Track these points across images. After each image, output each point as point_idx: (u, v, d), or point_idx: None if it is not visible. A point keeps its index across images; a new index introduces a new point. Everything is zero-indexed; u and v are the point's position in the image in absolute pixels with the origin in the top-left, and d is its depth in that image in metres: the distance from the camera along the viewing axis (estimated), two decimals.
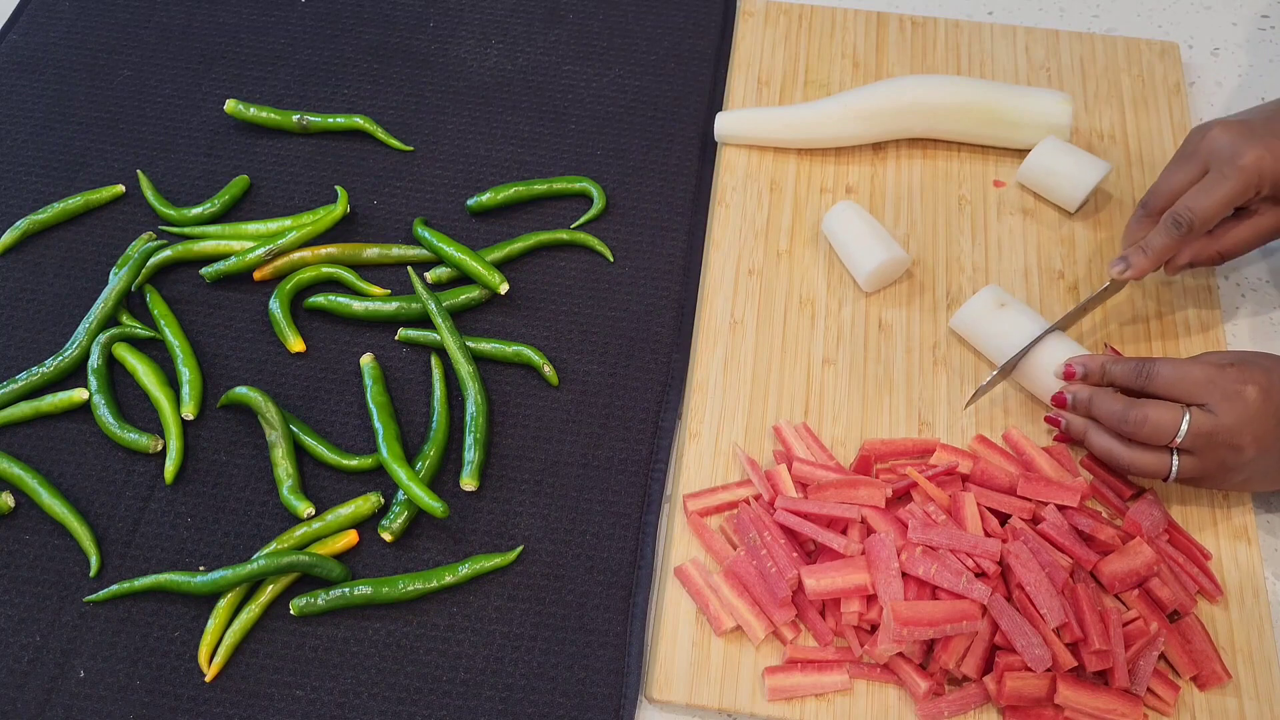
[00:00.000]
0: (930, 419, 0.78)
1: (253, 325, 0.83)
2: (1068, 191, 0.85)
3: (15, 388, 0.79)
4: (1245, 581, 0.71)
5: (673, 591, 0.71)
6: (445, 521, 0.74)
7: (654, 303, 0.84)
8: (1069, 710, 0.65)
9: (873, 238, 0.82)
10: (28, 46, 0.99)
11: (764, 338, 0.82)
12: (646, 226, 0.88)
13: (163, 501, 0.75)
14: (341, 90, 0.96)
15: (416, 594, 0.71)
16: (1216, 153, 0.73)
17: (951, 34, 0.99)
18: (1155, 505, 0.72)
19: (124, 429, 0.77)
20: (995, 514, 0.71)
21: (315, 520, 0.73)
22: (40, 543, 0.74)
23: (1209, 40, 1.01)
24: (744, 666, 0.69)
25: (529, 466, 0.77)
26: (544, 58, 0.99)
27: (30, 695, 0.68)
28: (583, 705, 0.68)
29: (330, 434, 0.78)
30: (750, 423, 0.78)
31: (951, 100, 0.88)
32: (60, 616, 0.71)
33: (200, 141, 0.93)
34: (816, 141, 0.90)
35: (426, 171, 0.91)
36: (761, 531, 0.70)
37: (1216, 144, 0.73)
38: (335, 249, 0.85)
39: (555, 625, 0.71)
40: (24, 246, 0.87)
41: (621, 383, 0.80)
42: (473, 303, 0.83)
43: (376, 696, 0.68)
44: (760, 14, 1.01)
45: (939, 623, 0.64)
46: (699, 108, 0.95)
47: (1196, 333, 0.82)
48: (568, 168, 0.91)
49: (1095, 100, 0.94)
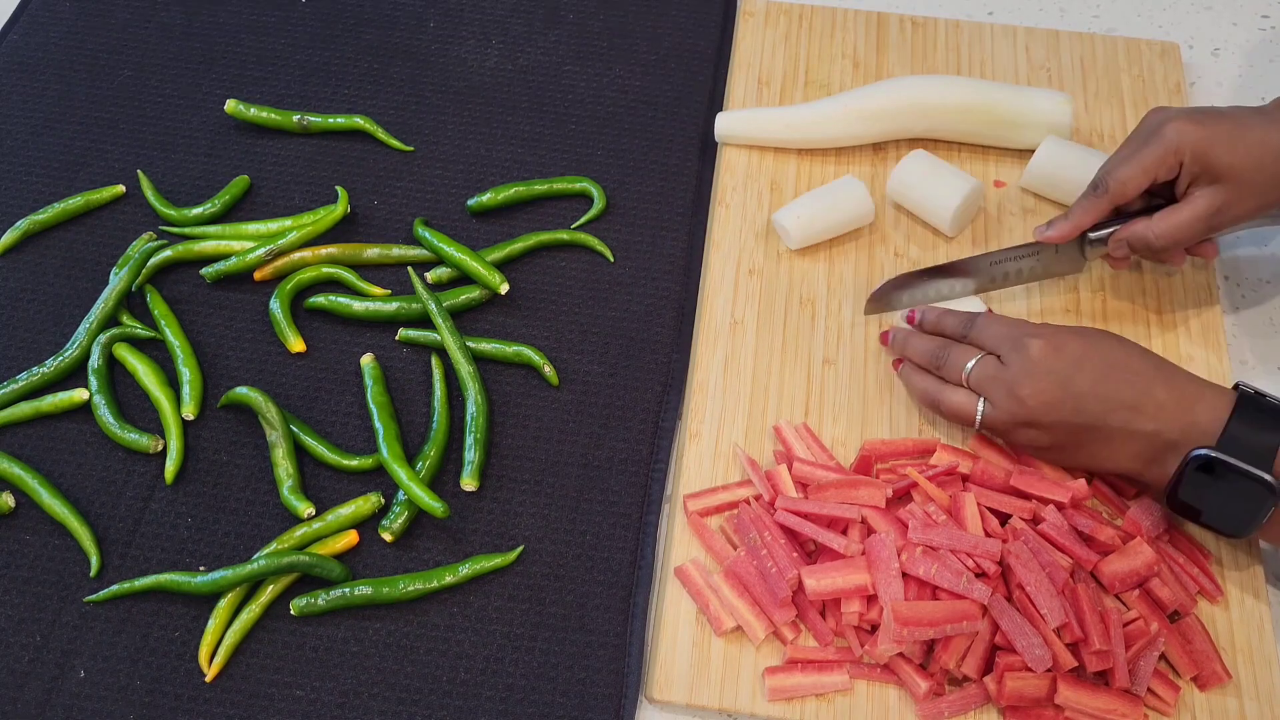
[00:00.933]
0: (931, 419, 0.78)
1: (253, 325, 0.83)
2: (1077, 186, 0.85)
3: (15, 388, 0.79)
4: (1245, 581, 0.71)
5: (673, 591, 0.71)
6: (445, 522, 0.74)
7: (654, 303, 0.84)
8: (1069, 710, 0.65)
9: (949, 174, 0.84)
10: (28, 46, 0.99)
11: (764, 338, 0.82)
12: (647, 226, 0.88)
13: (163, 501, 0.75)
14: (342, 90, 0.96)
15: (417, 594, 0.71)
16: (1144, 129, 0.76)
17: (951, 34, 0.99)
18: (1155, 505, 0.72)
19: (124, 429, 0.77)
20: (995, 514, 0.71)
21: (315, 520, 0.73)
22: (40, 543, 0.74)
23: (1209, 40, 1.01)
24: (744, 667, 0.69)
25: (529, 466, 0.77)
26: (544, 58, 0.99)
27: (30, 695, 0.68)
28: (583, 705, 0.68)
29: (330, 434, 0.78)
30: (750, 423, 0.78)
31: (952, 100, 0.88)
32: (60, 616, 0.71)
33: (200, 141, 0.93)
34: (817, 141, 0.90)
35: (427, 171, 0.91)
36: (762, 532, 0.70)
37: (1145, 122, 0.76)
38: (335, 249, 0.85)
39: (555, 625, 0.71)
40: (24, 246, 0.87)
41: (622, 383, 0.80)
42: (473, 303, 0.83)
43: (377, 697, 0.68)
44: (760, 14, 1.01)
45: (939, 623, 0.64)
46: (699, 108, 0.95)
47: (1196, 332, 0.82)
48: (568, 168, 0.91)
49: (1095, 100, 0.94)
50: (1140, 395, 0.68)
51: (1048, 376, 0.69)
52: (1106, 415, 0.68)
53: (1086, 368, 0.69)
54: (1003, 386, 0.70)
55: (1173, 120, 0.73)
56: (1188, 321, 0.82)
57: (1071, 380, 0.68)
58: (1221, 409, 0.66)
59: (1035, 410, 0.69)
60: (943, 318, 0.77)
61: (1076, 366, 0.69)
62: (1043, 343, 0.70)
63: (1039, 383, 0.69)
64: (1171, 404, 0.67)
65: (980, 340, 0.74)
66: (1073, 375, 0.68)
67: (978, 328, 0.74)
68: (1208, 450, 0.65)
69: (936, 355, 0.75)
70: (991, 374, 0.71)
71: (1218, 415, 0.66)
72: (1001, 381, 0.70)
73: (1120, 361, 0.69)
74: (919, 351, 0.76)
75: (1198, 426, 0.67)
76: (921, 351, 0.76)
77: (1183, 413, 0.67)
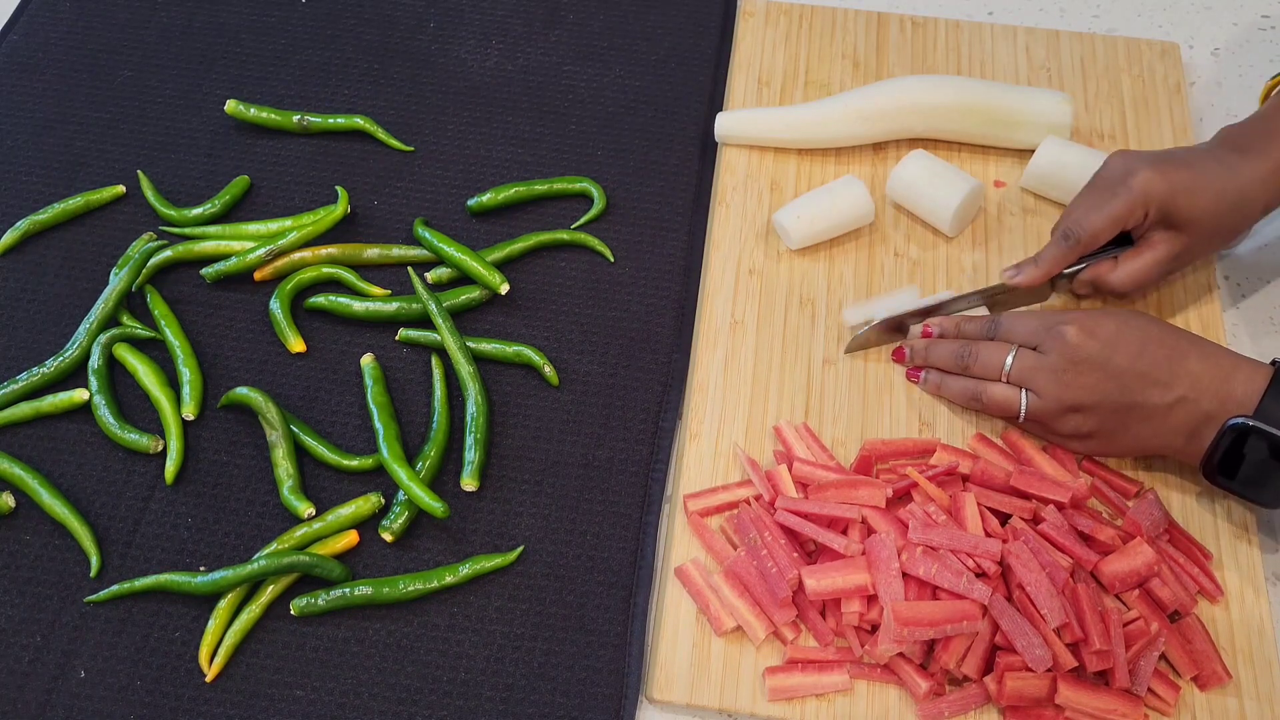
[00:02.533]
0: (930, 419, 0.78)
1: (253, 325, 0.83)
2: (1078, 185, 0.85)
3: (16, 388, 0.79)
4: (1245, 581, 0.71)
5: (673, 592, 0.71)
6: (446, 522, 0.74)
7: (654, 303, 0.84)
8: (1070, 710, 0.65)
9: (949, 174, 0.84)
10: (28, 46, 0.99)
11: (764, 338, 0.82)
12: (647, 226, 0.88)
13: (163, 502, 0.75)
14: (342, 90, 0.96)
15: (417, 594, 0.71)
16: (1110, 175, 0.77)
17: (951, 34, 0.99)
18: (1156, 505, 0.72)
19: (124, 429, 0.77)
20: (995, 514, 0.71)
21: (316, 520, 0.73)
22: (41, 543, 0.74)
23: (1209, 40, 1.01)
24: (744, 667, 0.69)
25: (529, 467, 0.77)
26: (544, 58, 0.99)
27: (31, 696, 0.68)
28: (583, 705, 0.68)
29: (331, 434, 0.78)
30: (750, 423, 0.78)
31: (951, 100, 0.88)
32: (61, 617, 0.71)
33: (201, 142, 0.93)
34: (817, 142, 0.90)
35: (427, 171, 0.91)
36: (762, 532, 0.70)
37: (1111, 167, 0.78)
38: (336, 249, 0.85)
39: (555, 625, 0.71)
40: (24, 247, 0.87)
41: (622, 383, 0.80)
42: (473, 303, 0.83)
43: (377, 697, 0.68)
44: (760, 14, 1.01)
45: (939, 623, 0.64)
46: (699, 108, 0.95)
47: (1196, 329, 0.82)
48: (568, 168, 0.91)
49: (1095, 100, 0.94)
50: (1176, 369, 0.69)
51: (1088, 359, 0.70)
52: (1146, 391, 0.70)
53: (1122, 347, 0.70)
54: (1046, 375, 0.72)
55: (1140, 171, 0.75)
56: (1188, 319, 0.82)
57: (1111, 360, 0.70)
58: (1259, 381, 0.68)
59: (1080, 393, 0.71)
60: (962, 323, 0.79)
61: (1113, 347, 0.70)
62: (1077, 328, 0.71)
63: (1080, 366, 0.70)
64: (1207, 376, 0.69)
65: (1011, 336, 0.75)
66: (1111, 355, 0.70)
67: (1005, 326, 0.76)
68: (1245, 419, 0.67)
69: (963, 357, 0.76)
70: (1032, 365, 0.72)
71: (1255, 387, 0.68)
72: (1044, 370, 0.72)
73: (1155, 337, 0.71)
74: (944, 356, 0.77)
75: (1234, 398, 0.68)
76: (947, 355, 0.77)
77: (1220, 384, 0.69)
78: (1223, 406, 0.68)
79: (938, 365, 0.78)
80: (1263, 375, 0.69)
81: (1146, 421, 0.71)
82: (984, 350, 0.75)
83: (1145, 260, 0.77)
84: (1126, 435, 0.72)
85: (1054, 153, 0.86)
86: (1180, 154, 0.78)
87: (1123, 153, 0.78)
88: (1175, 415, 0.70)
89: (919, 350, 0.79)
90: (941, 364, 0.78)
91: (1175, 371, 0.69)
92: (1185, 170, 0.75)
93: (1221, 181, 0.75)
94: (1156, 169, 0.75)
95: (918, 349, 0.79)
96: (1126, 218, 0.76)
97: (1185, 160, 0.76)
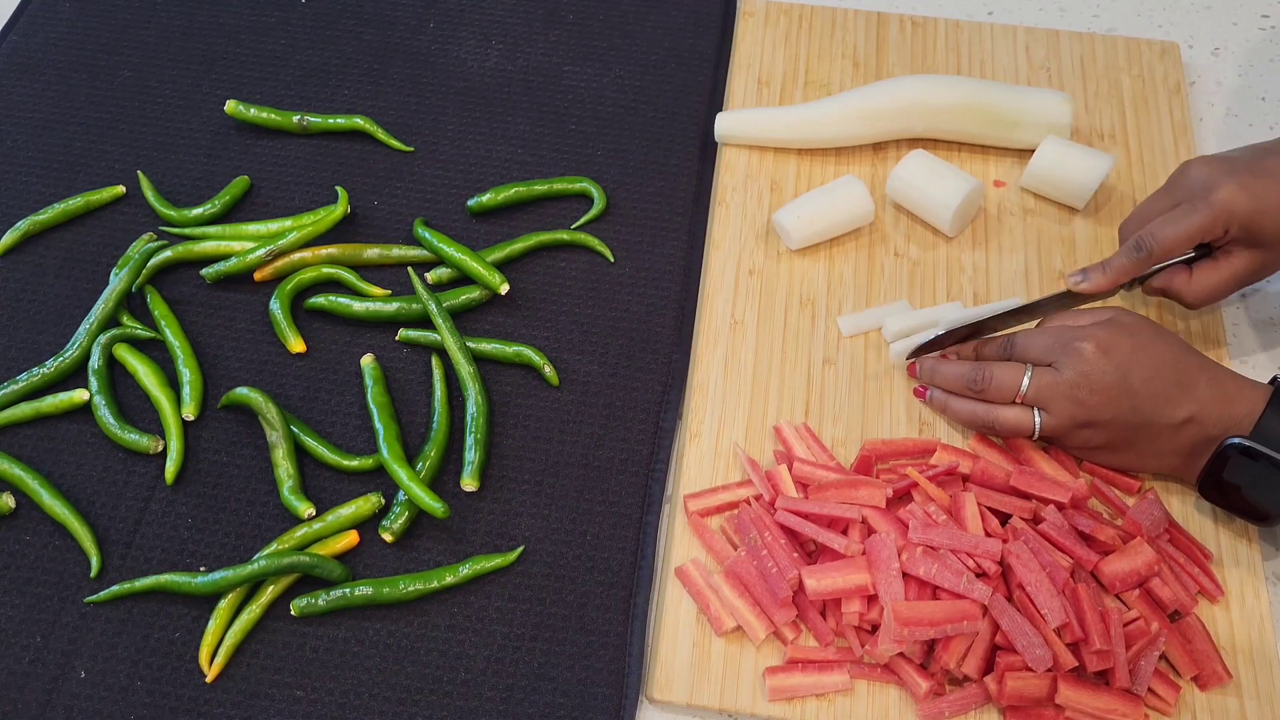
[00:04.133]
0: (930, 419, 0.78)
1: (253, 326, 0.83)
2: (1078, 185, 0.85)
3: (16, 388, 0.79)
4: (1245, 581, 0.71)
5: (673, 592, 0.71)
6: (446, 522, 0.74)
7: (654, 303, 0.84)
8: (1070, 710, 0.65)
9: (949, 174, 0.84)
10: (28, 47, 0.99)
11: (764, 338, 0.82)
12: (647, 227, 0.88)
13: (163, 502, 0.75)
14: (341, 91, 0.96)
15: (417, 594, 0.71)
16: (1191, 185, 0.75)
17: (951, 34, 0.99)
18: (1156, 505, 0.72)
19: (124, 430, 0.77)
20: (996, 514, 0.71)
21: (316, 521, 0.73)
22: (41, 543, 0.74)
23: (1209, 40, 1.01)
24: (744, 667, 0.69)
25: (529, 467, 0.77)
26: (544, 58, 0.99)
27: (31, 696, 0.68)
28: (583, 706, 0.68)
29: (331, 434, 0.78)
30: (751, 423, 0.78)
31: (951, 100, 0.88)
32: (61, 617, 0.71)
33: (200, 142, 0.93)
34: (816, 142, 0.90)
35: (426, 172, 0.91)
36: (762, 532, 0.70)
37: (1192, 177, 0.75)
38: (336, 249, 0.85)
39: (556, 626, 0.71)
40: (24, 247, 0.87)
41: (622, 383, 0.80)
42: (473, 303, 0.83)
43: (377, 697, 0.68)
44: (760, 14, 1.01)
45: (940, 623, 0.64)
46: (699, 108, 0.95)
47: (1197, 331, 0.82)
48: (568, 168, 0.91)
49: (1095, 100, 0.94)
50: (1186, 392, 0.70)
51: (1103, 376, 0.70)
52: (1156, 412, 0.70)
53: (1136, 368, 0.70)
54: (1062, 392, 0.71)
55: (1223, 185, 0.73)
56: (1188, 321, 0.82)
57: (1125, 380, 0.70)
58: (1258, 402, 0.69)
59: (1095, 409, 0.71)
60: (980, 346, 0.78)
61: (1129, 365, 0.70)
62: (1093, 345, 0.71)
63: (1096, 383, 0.70)
64: (1212, 399, 0.70)
65: (1027, 356, 0.74)
66: (1127, 374, 0.70)
67: (1020, 345, 0.75)
68: (1241, 439, 0.67)
69: (974, 380, 0.75)
70: (1049, 383, 0.72)
71: (1254, 409, 0.69)
72: (1060, 387, 0.71)
73: (1169, 358, 0.71)
74: (951, 378, 0.76)
75: (1236, 420, 0.69)
76: (955, 377, 0.76)
77: (1224, 407, 0.69)
78: (1224, 430, 0.69)
79: (943, 386, 0.77)
80: (1262, 396, 0.69)
81: (1154, 440, 0.71)
82: (999, 372, 0.74)
83: (1222, 275, 0.76)
84: (1131, 452, 0.72)
85: (1054, 152, 0.86)
86: (1266, 164, 0.74)
87: (1204, 160, 0.75)
88: (1182, 436, 0.70)
89: (926, 369, 0.78)
90: (948, 386, 0.77)
91: (1186, 394, 0.70)
92: (1271, 186, 0.72)
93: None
94: (1241, 184, 0.72)
95: (925, 367, 0.78)
96: (1204, 233, 0.74)
97: (1272, 172, 0.73)
